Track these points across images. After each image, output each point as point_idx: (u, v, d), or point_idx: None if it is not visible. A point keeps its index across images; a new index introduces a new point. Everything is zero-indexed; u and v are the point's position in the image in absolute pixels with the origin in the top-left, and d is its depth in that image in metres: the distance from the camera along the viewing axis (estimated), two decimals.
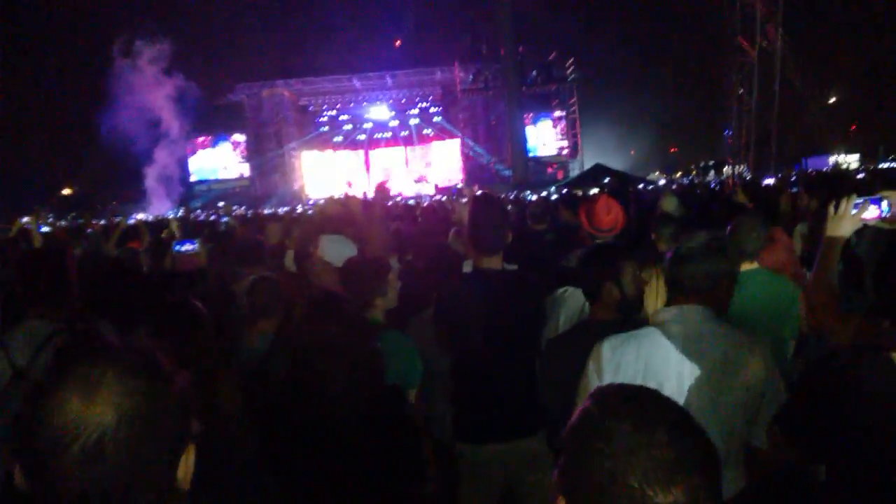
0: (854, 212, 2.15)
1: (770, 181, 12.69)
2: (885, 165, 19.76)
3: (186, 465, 0.96)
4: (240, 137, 34.35)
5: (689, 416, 0.89)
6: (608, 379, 1.94)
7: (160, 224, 11.38)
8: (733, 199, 6.27)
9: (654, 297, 2.58)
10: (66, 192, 30.96)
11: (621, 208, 3.96)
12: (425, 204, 12.44)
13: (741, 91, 21.13)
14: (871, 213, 2.13)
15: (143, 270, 4.97)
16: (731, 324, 2.06)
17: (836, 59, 26.94)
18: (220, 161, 34.60)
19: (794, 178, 13.05)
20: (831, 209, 2.21)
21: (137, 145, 24.60)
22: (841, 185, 5.35)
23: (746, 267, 3.29)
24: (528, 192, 17.84)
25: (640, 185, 16.93)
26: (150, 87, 24.39)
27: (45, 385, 0.89)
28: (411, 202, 15.96)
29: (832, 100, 27.82)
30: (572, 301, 3.03)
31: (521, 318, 2.73)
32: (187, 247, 4.38)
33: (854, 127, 30.74)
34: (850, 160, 24.64)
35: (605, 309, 2.42)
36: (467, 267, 3.24)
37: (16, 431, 0.89)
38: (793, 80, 21.07)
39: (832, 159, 25.64)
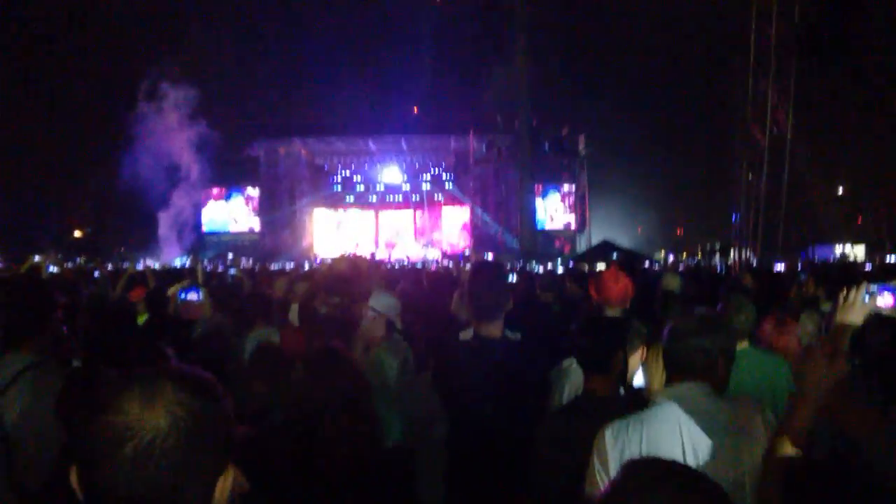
0: (866, 299, 2.14)
1: (779, 267, 12.69)
2: (891, 259, 19.77)
3: (224, 485, 1.02)
4: (253, 191, 34.77)
5: (722, 491, 0.89)
6: (615, 470, 1.89)
7: (168, 272, 11.43)
8: (741, 282, 6.26)
9: (657, 373, 2.54)
10: (78, 234, 31.22)
11: (630, 281, 3.97)
12: (432, 268, 12.47)
13: (750, 176, 21.42)
14: (886, 300, 2.12)
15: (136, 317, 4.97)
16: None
17: (846, 150, 27.34)
18: (231, 214, 34.97)
19: (800, 267, 13.06)
20: (842, 296, 2.20)
21: (153, 191, 24.86)
22: (848, 275, 5.34)
23: (738, 346, 3.26)
24: (536, 263, 17.89)
25: (646, 263, 16.95)
26: (171, 133, 24.77)
27: (110, 388, 0.97)
28: (418, 265, 16.01)
29: (840, 190, 28.12)
30: (577, 373, 2.98)
31: (522, 389, 2.68)
32: (192, 296, 4.39)
33: (860, 219, 30.92)
34: (857, 251, 24.69)
35: (605, 382, 2.38)
36: (467, 335, 3.23)
37: (76, 430, 0.97)
38: (802, 169, 21.36)
39: (838, 249, 25.71)
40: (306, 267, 18.00)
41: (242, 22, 27.47)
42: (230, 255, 25.72)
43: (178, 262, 22.25)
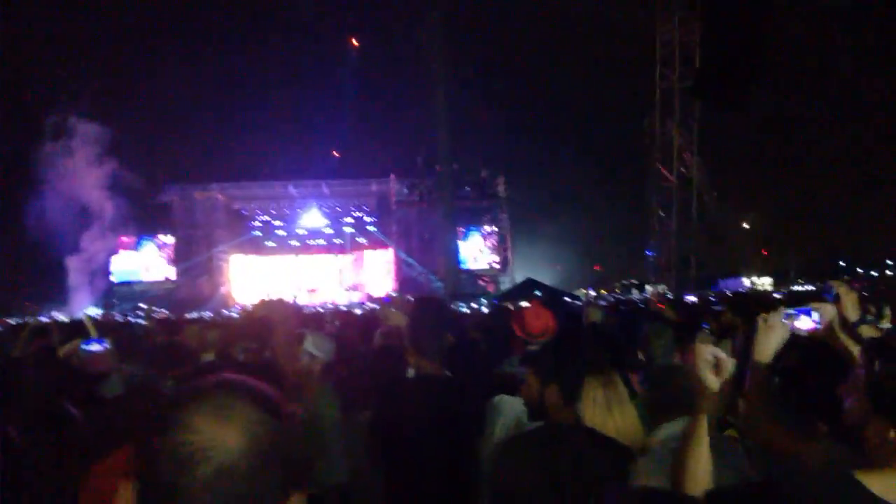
0: (784, 322, 2.20)
1: (693, 299, 13.15)
2: (797, 288, 20.93)
3: None
4: (166, 239, 33.47)
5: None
6: None
7: (74, 324, 10.75)
8: (662, 314, 6.42)
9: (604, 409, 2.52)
10: None
11: (552, 316, 4.06)
12: (357, 311, 12.27)
13: (662, 214, 22.38)
14: (805, 323, 2.19)
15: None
16: None
17: (750, 187, 29.10)
18: (143, 262, 33.45)
19: (712, 298, 13.59)
20: (761, 320, 2.24)
21: (61, 236, 23.53)
22: (763, 303, 5.56)
23: None
24: (461, 303, 17.91)
25: (567, 299, 17.26)
26: (80, 174, 23.58)
27: (179, 406, 0.90)
28: (343, 308, 15.72)
29: (746, 225, 29.78)
30: (508, 408, 2.93)
31: (463, 426, 2.62)
32: (95, 346, 4.08)
33: (765, 251, 32.80)
34: (764, 282, 26.07)
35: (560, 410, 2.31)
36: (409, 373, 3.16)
37: (142, 450, 0.90)
38: (709, 206, 22.50)
39: (746, 281, 27.08)
40: (224, 314, 17.35)
41: (157, 62, 26.78)
42: (142, 305, 24.56)
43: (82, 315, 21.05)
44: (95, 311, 21.14)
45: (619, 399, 2.41)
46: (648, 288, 24.01)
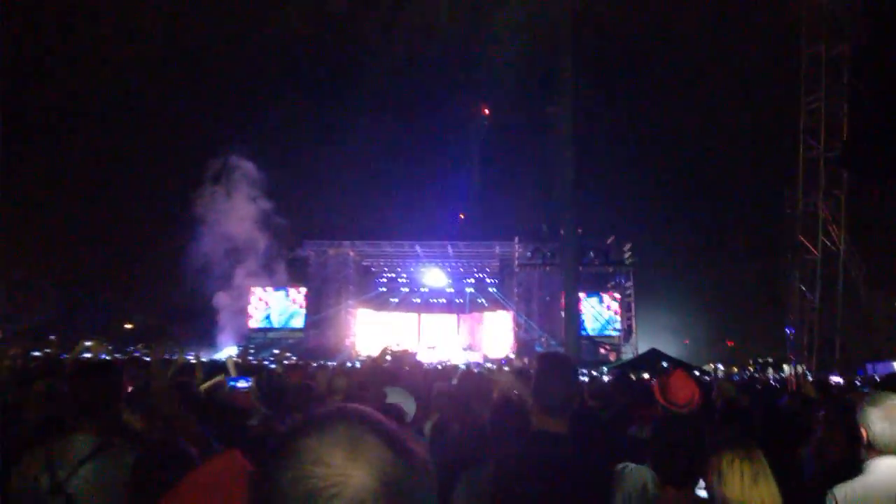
0: None
1: (838, 380, 12.11)
2: None
3: None
4: (299, 290, 35.34)
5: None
6: None
7: (217, 364, 11.53)
8: (802, 391, 5.99)
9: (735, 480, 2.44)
10: (129, 326, 31.97)
11: (697, 386, 3.88)
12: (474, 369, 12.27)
13: (803, 289, 20.93)
14: None
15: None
16: None
17: None
18: (278, 310, 35.47)
19: (857, 382, 12.47)
20: None
21: (210, 281, 25.34)
22: None
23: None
24: (583, 370, 17.47)
25: (696, 373, 16.39)
26: (236, 217, 25.33)
27: (305, 435, 0.82)
28: (461, 367, 15.77)
29: None
30: (631, 478, 2.84)
31: (588, 488, 2.53)
32: (242, 383, 4.42)
33: None
34: None
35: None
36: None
37: (261, 484, 0.81)
38: (857, 284, 20.81)
39: None
40: (347, 364, 17.92)
41: (297, 124, 28.88)
42: (275, 351, 25.88)
43: (223, 356, 22.48)
44: (234, 353, 22.49)
45: (765, 473, 2.36)
46: (786, 367, 22.32)
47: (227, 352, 23.06)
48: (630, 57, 30.95)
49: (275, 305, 35.25)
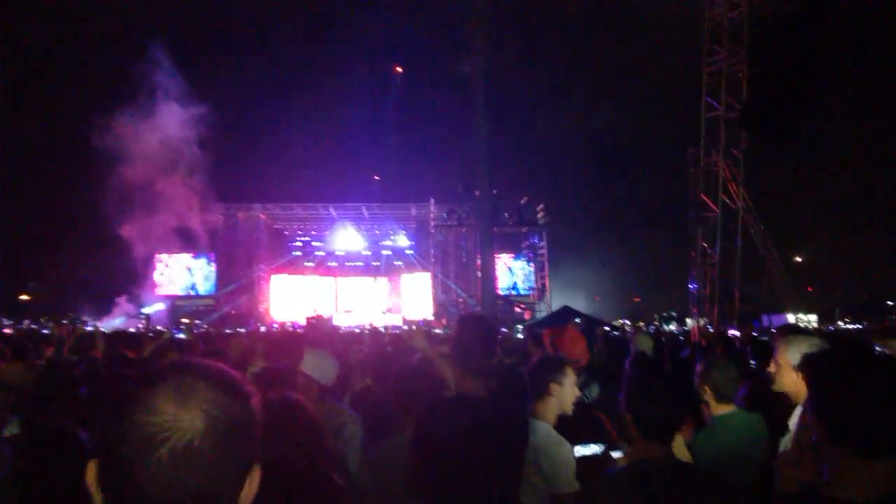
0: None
1: (735, 333, 12.84)
2: (843, 325, 20.28)
3: (252, 482, 0.99)
4: (209, 255, 34.08)
5: None
6: None
7: (118, 334, 10.99)
8: (703, 342, 6.28)
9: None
10: (24, 297, 30.09)
11: (585, 343, 4.03)
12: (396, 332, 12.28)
13: (704, 246, 21.95)
14: None
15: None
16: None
17: (798, 222, 28.43)
18: (188, 277, 34.13)
19: (755, 333, 13.25)
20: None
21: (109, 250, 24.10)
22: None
23: (724, 409, 3.25)
24: (503, 329, 17.78)
25: (607, 328, 17.01)
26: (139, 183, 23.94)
27: (140, 389, 0.92)
28: (381, 329, 15.76)
29: (797, 259, 29.07)
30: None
31: (508, 447, 2.52)
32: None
33: (810, 288, 31.91)
34: (809, 319, 25.30)
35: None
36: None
37: (104, 433, 0.92)
38: (755, 240, 22.02)
39: (791, 317, 26.29)
40: (262, 330, 17.55)
41: (209, 88, 27.51)
42: (184, 320, 25.00)
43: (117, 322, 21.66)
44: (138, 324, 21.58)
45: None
46: (689, 321, 23.50)
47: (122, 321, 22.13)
48: (542, 18, 31.09)
49: (182, 272, 33.89)
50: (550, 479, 2.73)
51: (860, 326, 22.60)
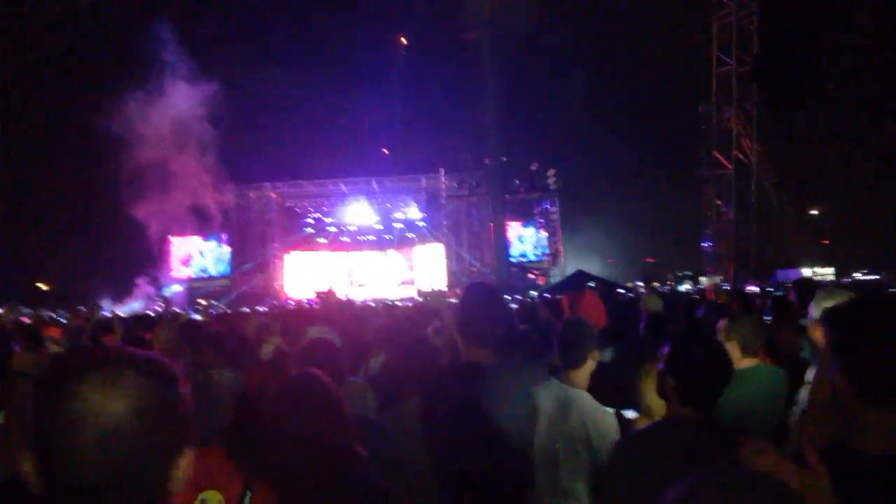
0: None
1: (753, 289, 12.75)
2: (860, 277, 20.09)
3: (184, 464, 1.02)
4: (223, 236, 34.25)
5: None
6: None
7: (137, 318, 11.12)
8: (719, 301, 6.24)
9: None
10: (43, 287, 30.40)
11: (604, 308, 3.98)
12: (410, 304, 12.33)
13: (718, 203, 21.77)
14: None
15: None
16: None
17: (812, 175, 27.97)
18: (203, 259, 34.38)
19: (770, 289, 13.16)
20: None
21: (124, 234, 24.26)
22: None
23: (748, 363, 3.26)
24: (509, 296, 17.79)
25: (621, 291, 16.98)
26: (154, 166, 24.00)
27: (66, 375, 0.95)
28: (397, 302, 15.83)
29: (813, 211, 28.66)
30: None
31: (518, 417, 2.51)
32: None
33: (826, 241, 31.56)
34: (826, 272, 25.08)
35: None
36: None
37: (33, 418, 0.95)
38: (769, 194, 21.80)
39: (807, 271, 26.03)
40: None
41: (214, 66, 27.32)
42: (201, 301, 25.22)
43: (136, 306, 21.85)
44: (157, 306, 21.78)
45: None
46: (704, 280, 23.39)
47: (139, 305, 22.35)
48: None
49: (198, 254, 34.14)
50: (598, 450, 2.70)
51: (877, 277, 22.37)
